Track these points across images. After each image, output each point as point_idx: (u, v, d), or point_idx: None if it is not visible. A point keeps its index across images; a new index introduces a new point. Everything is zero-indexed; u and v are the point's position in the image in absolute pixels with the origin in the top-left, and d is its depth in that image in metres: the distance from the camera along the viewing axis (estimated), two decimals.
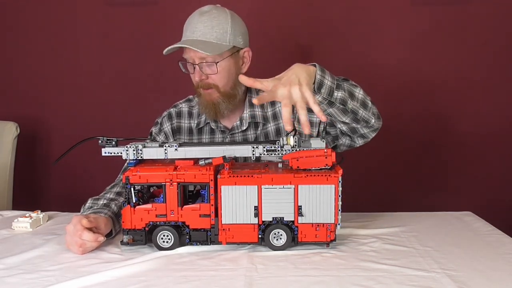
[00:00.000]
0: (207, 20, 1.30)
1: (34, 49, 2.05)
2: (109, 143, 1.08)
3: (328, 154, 1.04)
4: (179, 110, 1.48)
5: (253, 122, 1.41)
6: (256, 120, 1.40)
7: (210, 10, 1.32)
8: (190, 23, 1.32)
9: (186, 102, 1.49)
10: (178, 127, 1.46)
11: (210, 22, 1.30)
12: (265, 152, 1.07)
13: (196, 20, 1.31)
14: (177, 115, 1.47)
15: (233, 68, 1.34)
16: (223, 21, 1.31)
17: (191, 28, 1.31)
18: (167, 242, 1.07)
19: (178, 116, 1.47)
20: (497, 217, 1.32)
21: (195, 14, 1.33)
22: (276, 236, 1.06)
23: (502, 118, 1.97)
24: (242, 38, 1.34)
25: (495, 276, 0.92)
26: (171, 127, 1.46)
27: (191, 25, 1.31)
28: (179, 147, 1.08)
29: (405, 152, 2.00)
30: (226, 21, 1.31)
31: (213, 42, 1.29)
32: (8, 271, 0.98)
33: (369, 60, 1.96)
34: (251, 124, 1.41)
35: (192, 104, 1.48)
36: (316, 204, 1.04)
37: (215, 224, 1.06)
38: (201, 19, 1.30)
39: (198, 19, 1.31)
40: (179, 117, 1.47)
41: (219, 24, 1.30)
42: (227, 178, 1.03)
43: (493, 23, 1.91)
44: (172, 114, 1.47)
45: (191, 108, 1.47)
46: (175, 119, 1.47)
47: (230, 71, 1.34)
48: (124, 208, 1.06)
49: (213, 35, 1.29)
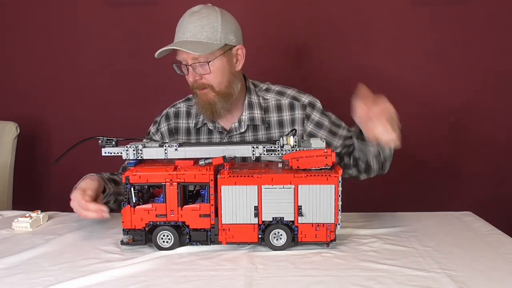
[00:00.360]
0: (197, 20, 1.29)
1: (34, 49, 2.05)
2: (109, 143, 1.08)
3: (328, 154, 1.04)
4: (177, 110, 1.48)
5: (251, 125, 1.40)
6: (255, 123, 1.40)
7: (200, 10, 1.31)
8: (181, 24, 1.32)
9: (185, 101, 1.49)
10: (176, 128, 1.46)
11: (200, 21, 1.29)
12: (265, 152, 1.07)
13: (186, 20, 1.31)
14: (174, 115, 1.47)
15: (227, 66, 1.33)
16: (213, 19, 1.30)
17: (182, 29, 1.31)
18: (167, 242, 1.07)
19: (176, 116, 1.47)
20: (497, 217, 1.32)
21: (186, 15, 1.33)
22: (276, 236, 1.06)
23: (502, 118, 1.97)
24: (234, 35, 1.33)
25: (495, 276, 0.92)
26: (167, 127, 1.46)
27: (182, 26, 1.31)
28: (179, 147, 1.08)
29: (405, 152, 2.00)
30: (216, 20, 1.30)
31: (204, 42, 1.28)
32: (8, 271, 0.98)
33: (368, 60, 1.96)
34: (249, 127, 1.40)
35: (191, 104, 1.47)
36: (316, 204, 1.04)
37: (215, 224, 1.06)
38: (191, 19, 1.30)
39: (188, 19, 1.30)
40: (176, 118, 1.47)
41: (209, 23, 1.29)
42: (227, 178, 1.03)
43: (494, 23, 1.91)
44: (170, 114, 1.48)
45: (190, 108, 1.47)
46: (173, 120, 1.47)
47: (224, 70, 1.33)
48: (124, 208, 1.06)
49: (204, 34, 1.28)
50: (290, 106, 1.41)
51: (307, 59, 1.96)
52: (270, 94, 1.43)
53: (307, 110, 1.41)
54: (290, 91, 1.44)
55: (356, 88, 1.23)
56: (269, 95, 1.43)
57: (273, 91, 1.44)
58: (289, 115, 1.41)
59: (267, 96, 1.43)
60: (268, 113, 1.41)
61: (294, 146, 1.06)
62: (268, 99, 1.43)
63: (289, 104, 1.41)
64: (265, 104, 1.42)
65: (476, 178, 2.00)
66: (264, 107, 1.42)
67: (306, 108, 1.41)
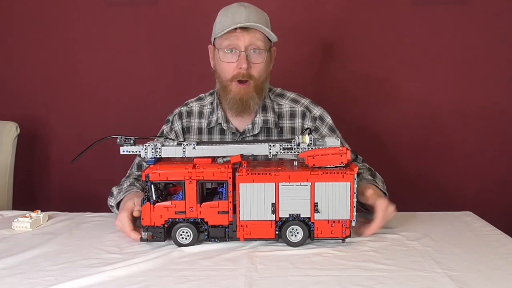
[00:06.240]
0: (253, 9, 1.29)
1: (34, 49, 2.05)
2: (127, 142, 1.09)
3: (343, 152, 1.06)
4: (190, 109, 1.47)
5: (265, 128, 1.41)
6: (268, 126, 1.40)
7: (246, 4, 1.31)
8: (236, 12, 1.28)
9: (197, 101, 1.49)
10: (188, 126, 1.46)
11: (256, 10, 1.29)
12: (281, 150, 1.09)
13: (241, 9, 1.28)
14: (187, 114, 1.47)
15: (268, 62, 1.35)
16: (264, 13, 1.31)
17: (239, 16, 1.27)
18: (186, 238, 1.08)
19: (189, 115, 1.47)
20: (497, 217, 1.32)
21: (234, 6, 1.30)
22: (293, 233, 1.07)
23: (502, 117, 1.97)
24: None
25: (495, 276, 0.92)
26: (181, 126, 1.46)
27: (238, 13, 1.28)
28: (197, 146, 1.09)
29: (405, 152, 2.00)
30: (265, 14, 1.31)
31: (267, 29, 1.27)
32: (8, 271, 0.98)
33: (369, 59, 1.96)
34: (262, 129, 1.41)
35: (203, 103, 1.47)
36: (332, 201, 1.06)
37: (233, 220, 1.08)
38: (247, 9, 1.28)
39: (243, 9, 1.28)
40: (189, 117, 1.47)
41: (264, 15, 1.30)
42: (245, 175, 1.05)
43: (494, 23, 1.91)
44: (183, 113, 1.47)
45: (202, 108, 1.47)
46: (185, 118, 1.47)
47: (267, 64, 1.34)
48: (144, 206, 1.08)
49: (264, 22, 1.28)
50: (302, 115, 1.44)
51: (305, 57, 1.97)
52: (285, 100, 1.45)
53: (316, 123, 1.44)
54: (304, 100, 1.46)
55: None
56: (283, 101, 1.45)
57: (287, 98, 1.46)
58: (300, 122, 1.43)
59: (281, 102, 1.44)
60: (282, 119, 1.43)
61: (310, 144, 1.08)
62: (282, 105, 1.44)
63: (302, 113, 1.44)
64: (279, 109, 1.44)
65: (476, 178, 2.00)
66: (278, 113, 1.43)
67: (316, 121, 1.44)
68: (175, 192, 1.14)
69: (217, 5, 1.40)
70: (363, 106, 1.98)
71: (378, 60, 1.95)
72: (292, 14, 1.94)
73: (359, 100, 1.97)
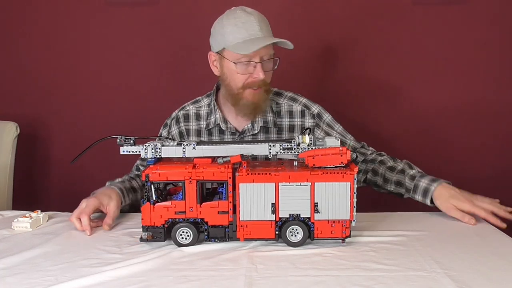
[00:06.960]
0: (261, 18, 1.32)
1: (34, 49, 2.05)
2: (127, 142, 1.10)
3: (343, 152, 1.06)
4: (186, 112, 1.49)
5: (264, 127, 1.42)
6: (267, 125, 1.42)
7: (249, 10, 1.33)
8: (247, 22, 1.29)
9: (194, 104, 1.50)
10: (186, 130, 1.48)
11: (263, 19, 1.33)
12: (281, 150, 1.09)
13: (252, 19, 1.29)
14: (184, 118, 1.48)
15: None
16: (266, 19, 1.34)
17: (251, 27, 1.29)
18: (186, 238, 1.08)
19: (186, 119, 1.48)
20: (497, 217, 1.32)
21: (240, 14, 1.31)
22: (293, 233, 1.08)
23: (502, 117, 1.96)
24: None
25: (495, 276, 0.92)
26: (178, 130, 1.48)
27: (249, 23, 1.29)
28: (197, 146, 1.10)
29: (405, 152, 2.00)
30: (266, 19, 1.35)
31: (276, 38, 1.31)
32: (8, 271, 0.98)
33: (368, 59, 1.96)
34: (262, 129, 1.42)
35: (199, 105, 1.49)
36: (332, 201, 1.06)
37: (233, 220, 1.08)
38: (256, 19, 1.30)
39: (253, 18, 1.30)
40: (186, 120, 1.48)
41: (267, 21, 1.34)
42: (245, 175, 1.05)
43: (494, 23, 1.91)
44: (180, 117, 1.49)
45: (199, 109, 1.48)
46: (183, 123, 1.48)
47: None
48: (144, 206, 1.08)
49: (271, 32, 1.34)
50: (301, 113, 1.45)
51: (305, 58, 1.97)
52: (283, 99, 1.47)
53: (316, 120, 1.46)
54: (302, 99, 1.48)
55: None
56: (281, 99, 1.47)
57: (285, 97, 1.48)
58: (300, 121, 1.45)
59: (280, 101, 1.47)
60: (280, 117, 1.45)
61: (310, 144, 1.08)
62: (280, 104, 1.46)
63: (301, 111, 1.45)
64: (277, 108, 1.45)
65: (476, 178, 1.99)
66: (276, 111, 1.45)
67: (315, 118, 1.46)
68: (175, 192, 1.14)
69: (217, 6, 1.40)
70: (363, 106, 1.98)
71: (378, 60, 1.95)
72: (292, 14, 1.94)
73: (359, 100, 1.97)
